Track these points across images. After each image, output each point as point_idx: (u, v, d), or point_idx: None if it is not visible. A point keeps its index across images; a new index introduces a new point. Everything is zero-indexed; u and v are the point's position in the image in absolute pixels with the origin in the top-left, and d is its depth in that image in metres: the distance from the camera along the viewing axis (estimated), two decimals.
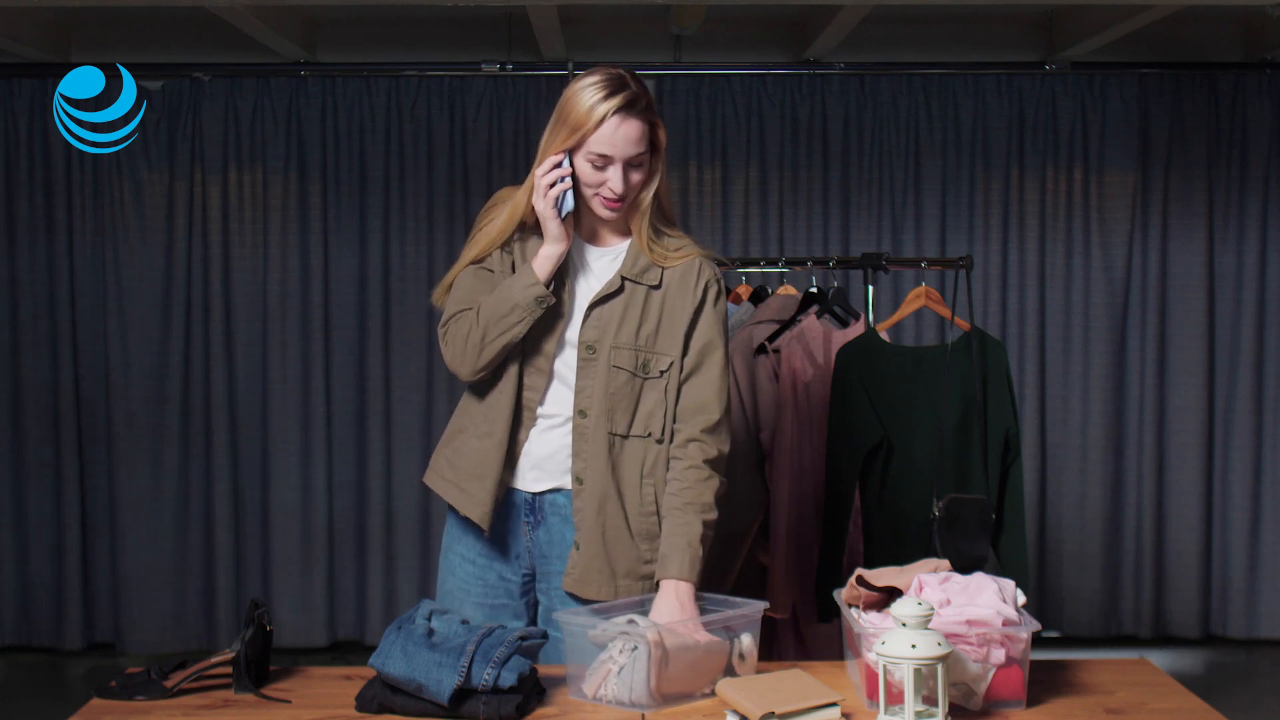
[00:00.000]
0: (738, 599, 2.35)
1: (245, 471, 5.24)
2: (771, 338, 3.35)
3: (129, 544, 5.18)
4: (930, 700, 2.02)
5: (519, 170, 5.19)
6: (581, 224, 2.46)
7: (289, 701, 2.20)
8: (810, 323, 3.34)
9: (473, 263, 2.46)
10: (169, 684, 2.22)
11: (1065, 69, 5.21)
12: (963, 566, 2.39)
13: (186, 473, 5.23)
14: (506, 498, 2.46)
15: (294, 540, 5.22)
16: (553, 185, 2.35)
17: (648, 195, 2.40)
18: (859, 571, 2.26)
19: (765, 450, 3.30)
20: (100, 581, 5.26)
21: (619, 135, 2.31)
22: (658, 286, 2.43)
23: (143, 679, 2.24)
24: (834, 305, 3.43)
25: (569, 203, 2.36)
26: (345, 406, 5.25)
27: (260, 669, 2.27)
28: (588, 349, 2.41)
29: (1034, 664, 2.20)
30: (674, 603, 2.31)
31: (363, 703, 2.14)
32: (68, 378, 5.20)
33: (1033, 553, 5.27)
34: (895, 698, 2.04)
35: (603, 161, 2.33)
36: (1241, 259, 5.30)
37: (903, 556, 2.78)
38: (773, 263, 3.70)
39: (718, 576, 3.27)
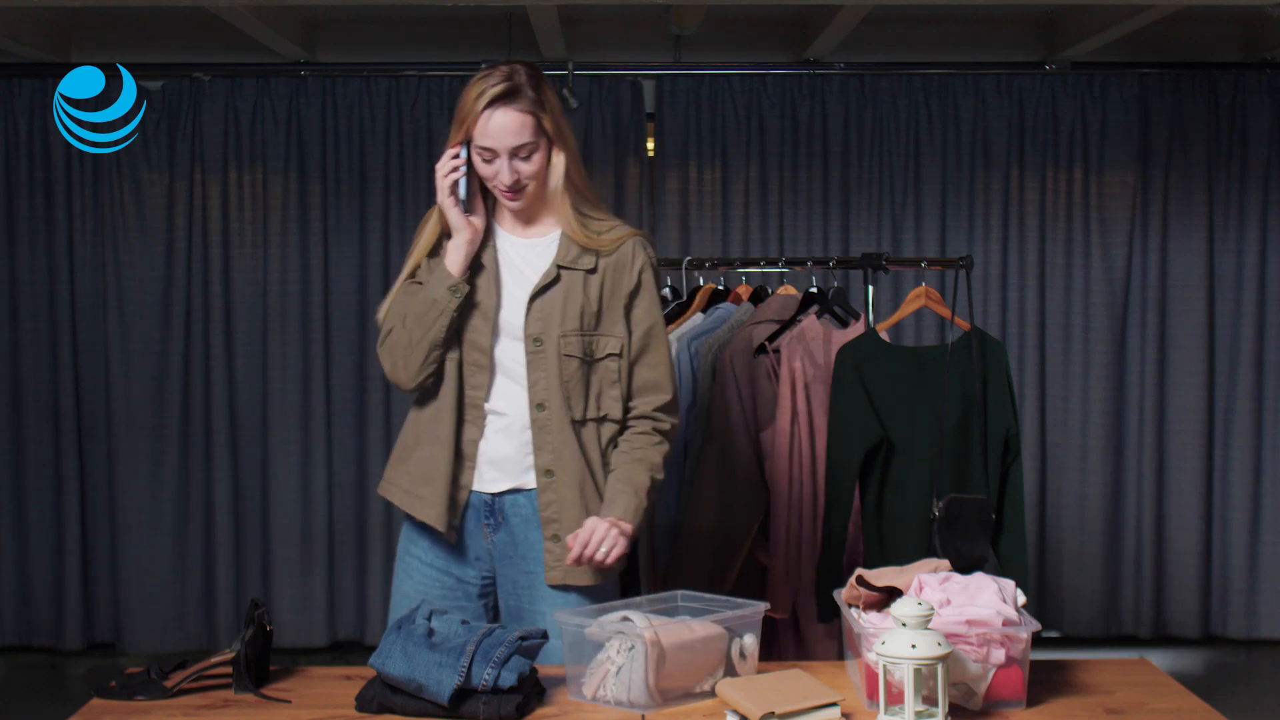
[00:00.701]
0: (738, 599, 2.35)
1: (245, 471, 5.24)
2: (771, 338, 3.35)
3: (129, 544, 5.19)
4: (930, 700, 2.02)
5: None
6: (505, 216, 2.48)
7: (289, 701, 2.20)
8: (810, 323, 3.34)
9: (408, 278, 2.48)
10: (169, 684, 2.22)
11: (1065, 69, 5.21)
12: (963, 566, 2.39)
13: (186, 473, 5.23)
14: (465, 500, 2.46)
15: (294, 540, 5.22)
16: (448, 177, 2.39)
17: (554, 183, 2.42)
18: (859, 571, 2.26)
19: (765, 450, 3.30)
20: (100, 581, 5.26)
21: (496, 127, 2.34)
22: (594, 271, 2.44)
23: (143, 679, 2.24)
24: (834, 305, 3.43)
25: (462, 192, 2.39)
26: (345, 406, 5.25)
27: (260, 669, 2.27)
28: (534, 341, 2.41)
29: (1034, 664, 2.20)
30: (598, 522, 2.36)
31: (363, 703, 2.14)
32: (68, 378, 5.20)
33: (1033, 553, 5.27)
34: (895, 698, 2.04)
35: (489, 154, 2.37)
36: (1241, 259, 5.30)
37: (903, 556, 2.79)
38: (773, 263, 3.70)
39: (718, 576, 3.27)
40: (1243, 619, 5.33)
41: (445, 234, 2.46)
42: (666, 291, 3.82)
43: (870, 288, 3.51)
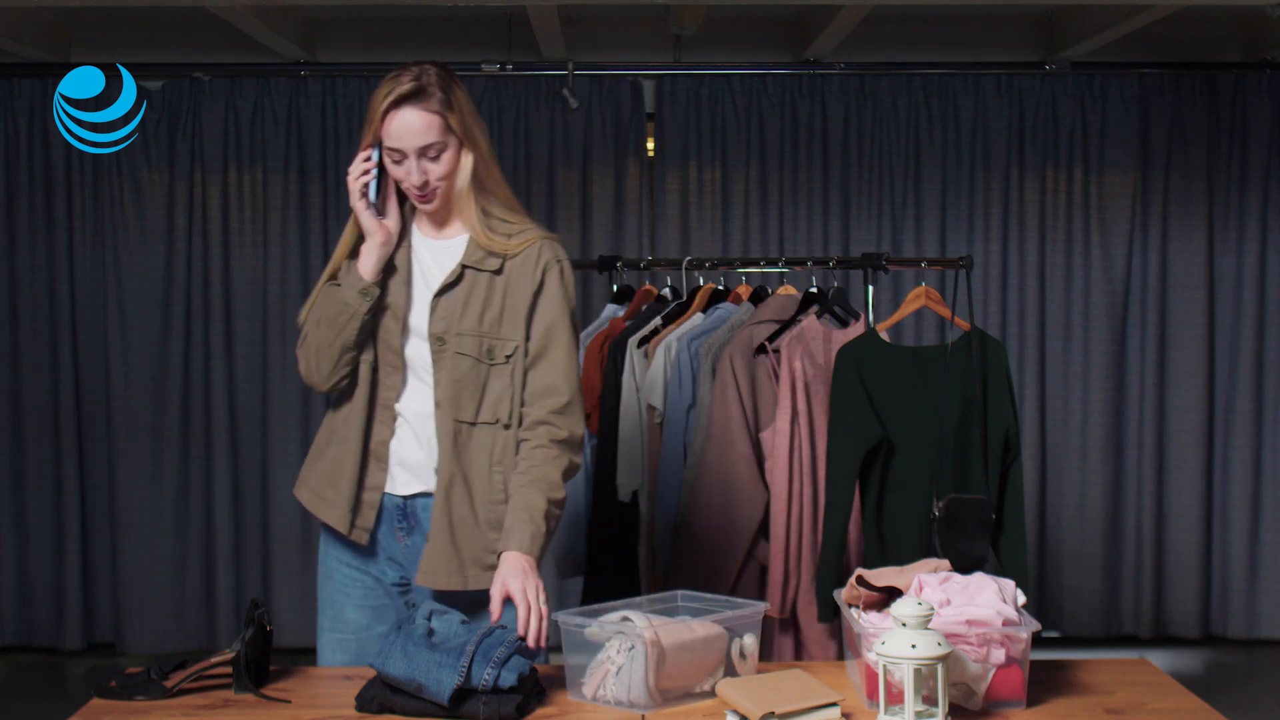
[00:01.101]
0: (738, 599, 2.35)
1: (245, 471, 5.24)
2: (771, 338, 3.35)
3: (129, 544, 5.19)
4: (930, 700, 2.02)
5: (518, 169, 5.20)
6: (422, 218, 2.47)
7: (289, 701, 2.20)
8: (810, 323, 3.34)
9: (328, 281, 2.45)
10: (169, 684, 2.22)
11: (1065, 69, 5.21)
12: (963, 566, 2.39)
13: (186, 473, 5.23)
14: (379, 502, 2.44)
15: (294, 540, 5.22)
16: (358, 180, 2.38)
17: (461, 183, 2.39)
18: (859, 571, 2.26)
19: (765, 450, 3.30)
20: (100, 581, 5.26)
21: (399, 127, 2.32)
22: (499, 272, 2.42)
23: (143, 679, 2.24)
24: (834, 305, 3.43)
25: (373, 193, 2.38)
26: None
27: (260, 669, 2.27)
28: (438, 341, 2.40)
29: (1034, 664, 2.20)
30: (513, 569, 2.27)
31: (363, 703, 2.14)
32: (68, 378, 5.20)
33: (1033, 553, 5.27)
34: (895, 698, 2.04)
35: (398, 155, 2.35)
36: (1241, 259, 5.30)
37: (903, 556, 2.79)
38: (773, 263, 3.70)
39: (718, 576, 3.27)
40: (1243, 619, 5.33)
41: (362, 237, 2.44)
42: (667, 291, 3.82)
43: (870, 288, 3.51)
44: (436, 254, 2.45)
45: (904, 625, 1.98)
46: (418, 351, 2.43)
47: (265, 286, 5.21)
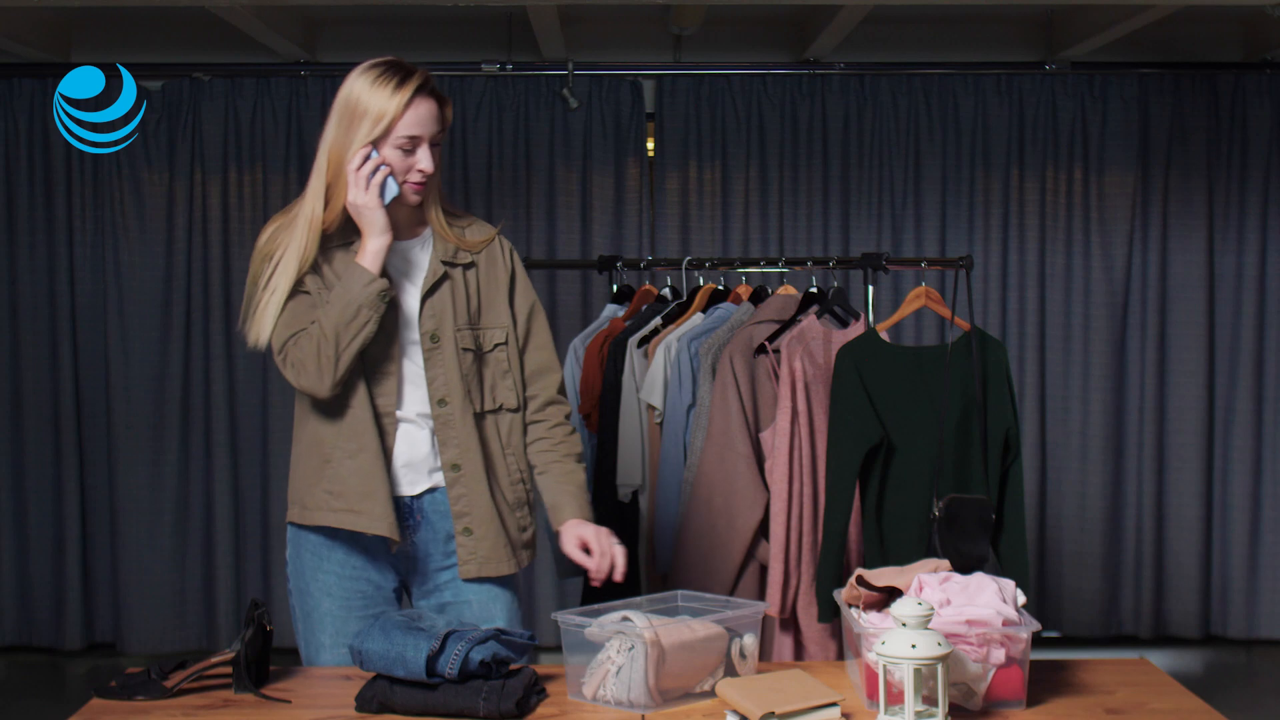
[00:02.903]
0: (738, 599, 2.35)
1: (245, 471, 5.24)
2: (771, 338, 3.35)
3: (129, 544, 5.19)
4: (930, 700, 2.02)
5: (518, 169, 5.20)
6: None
7: (289, 701, 2.20)
8: (810, 323, 3.34)
9: (296, 291, 2.40)
10: (169, 684, 2.22)
11: (1065, 69, 5.21)
12: (963, 566, 2.39)
13: (186, 473, 5.23)
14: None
15: None
16: (371, 176, 2.36)
17: (438, 176, 2.46)
18: (859, 571, 2.26)
19: (765, 450, 3.30)
20: (100, 581, 5.26)
21: (424, 114, 2.37)
22: (471, 266, 2.50)
23: (143, 679, 2.24)
24: (834, 305, 3.43)
25: (392, 188, 2.38)
26: None
27: (260, 669, 2.27)
28: (431, 339, 2.44)
29: (1034, 664, 2.20)
30: (581, 528, 2.49)
31: (363, 703, 2.15)
32: (68, 378, 5.20)
33: (1033, 553, 5.27)
34: (895, 698, 2.04)
35: (411, 144, 2.38)
36: (1241, 259, 5.30)
37: (903, 556, 2.79)
38: (773, 263, 3.70)
39: (718, 577, 3.27)
40: (1243, 619, 5.33)
41: (342, 240, 2.41)
42: (667, 291, 3.82)
43: (870, 288, 3.51)
44: (405, 252, 2.48)
45: (904, 625, 1.98)
46: (408, 353, 2.45)
47: None
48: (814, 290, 3.51)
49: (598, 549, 2.46)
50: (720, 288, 3.76)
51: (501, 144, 5.21)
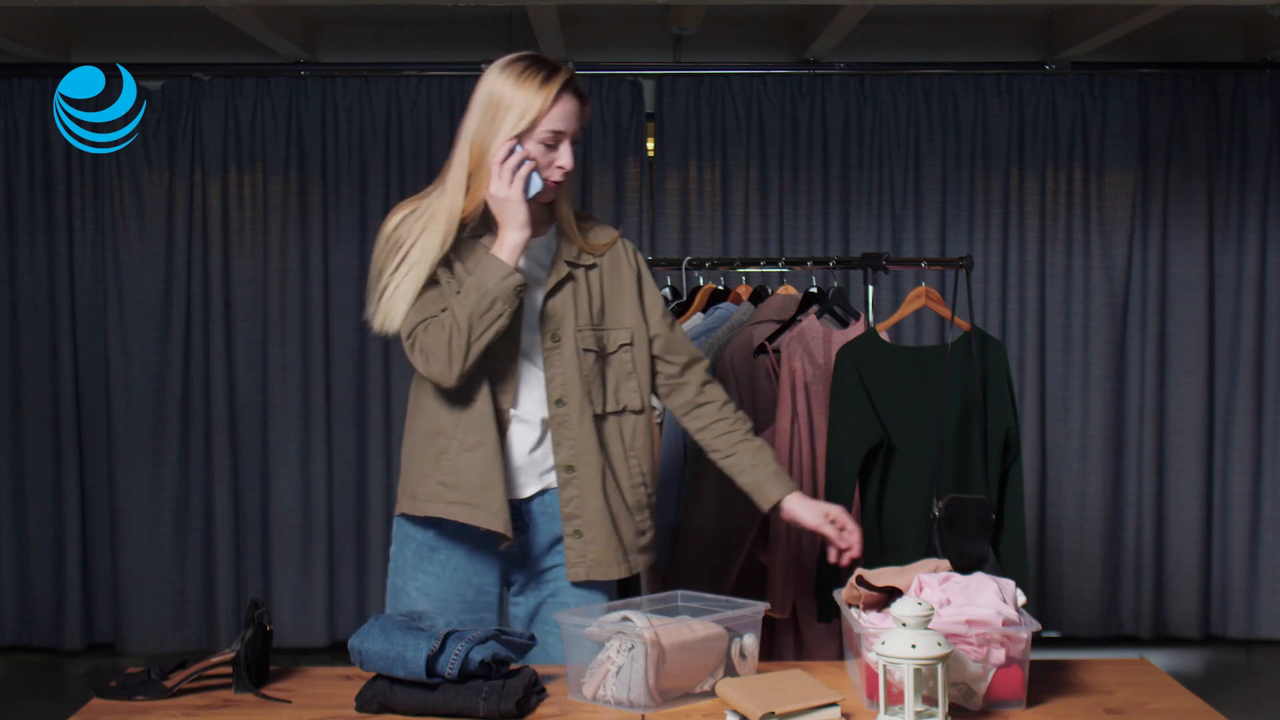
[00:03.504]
0: (738, 599, 2.35)
1: (245, 471, 5.24)
2: (771, 338, 3.35)
3: (129, 544, 5.19)
4: (930, 700, 2.02)
5: None
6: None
7: (289, 701, 2.20)
8: (810, 323, 3.34)
9: (428, 284, 2.39)
10: (169, 684, 2.22)
11: (1065, 69, 5.21)
12: (963, 566, 2.39)
13: (186, 473, 5.23)
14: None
15: (294, 540, 5.22)
16: (516, 170, 2.35)
17: (574, 175, 2.48)
18: (859, 571, 2.26)
19: None
20: (100, 581, 5.26)
21: (569, 111, 2.38)
22: (594, 267, 2.49)
23: (143, 679, 2.24)
24: (834, 305, 3.43)
25: (536, 183, 2.38)
26: (345, 406, 5.25)
27: (260, 669, 2.27)
28: (552, 338, 2.43)
29: (1034, 664, 2.20)
30: (807, 503, 2.54)
31: (363, 703, 2.15)
32: (68, 378, 5.20)
33: (1033, 553, 5.27)
34: (895, 698, 2.04)
35: (555, 139, 2.38)
36: (1241, 259, 5.30)
37: (903, 556, 2.78)
38: (773, 263, 3.70)
39: (718, 576, 3.27)
40: (1243, 619, 5.33)
41: (478, 232, 2.40)
42: (666, 291, 3.82)
43: (870, 288, 3.51)
44: (529, 252, 2.44)
45: (904, 625, 1.98)
46: (527, 352, 2.44)
47: (265, 286, 5.21)
48: (814, 290, 3.51)
49: (847, 524, 2.51)
50: (720, 288, 3.76)
51: None
